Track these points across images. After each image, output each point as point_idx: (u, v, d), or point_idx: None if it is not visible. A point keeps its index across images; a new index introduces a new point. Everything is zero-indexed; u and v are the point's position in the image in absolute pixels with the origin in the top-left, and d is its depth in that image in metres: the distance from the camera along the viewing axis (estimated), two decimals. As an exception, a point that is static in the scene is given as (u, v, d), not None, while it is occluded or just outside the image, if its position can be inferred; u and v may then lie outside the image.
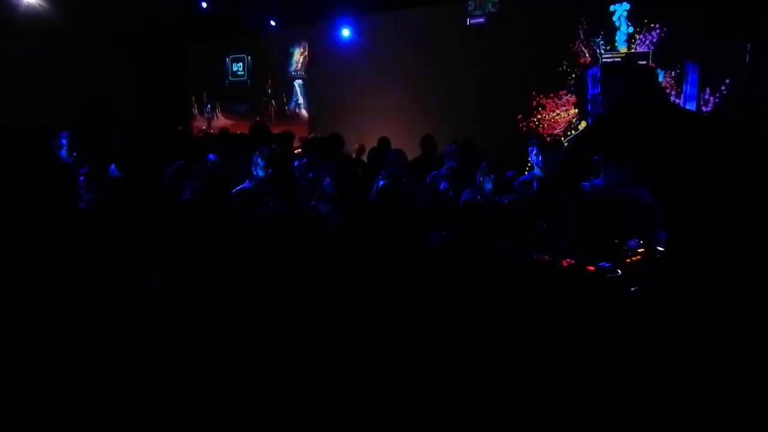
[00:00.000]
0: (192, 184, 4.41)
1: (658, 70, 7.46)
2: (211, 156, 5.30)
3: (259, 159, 4.72)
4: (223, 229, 3.45)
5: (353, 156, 7.75)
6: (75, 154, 5.22)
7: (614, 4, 7.99)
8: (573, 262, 2.71)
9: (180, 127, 13.31)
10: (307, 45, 12.40)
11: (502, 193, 4.82)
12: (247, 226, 3.78)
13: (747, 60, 5.80)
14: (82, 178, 4.48)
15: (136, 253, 3.05)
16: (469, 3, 9.66)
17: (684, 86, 7.07)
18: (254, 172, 4.80)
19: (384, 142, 7.25)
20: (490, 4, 9.48)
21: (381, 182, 4.75)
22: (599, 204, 4.01)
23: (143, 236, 3.16)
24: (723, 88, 6.88)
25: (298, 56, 12.68)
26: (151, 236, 3.17)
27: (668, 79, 7.43)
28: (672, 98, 7.37)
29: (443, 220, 4.27)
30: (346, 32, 10.06)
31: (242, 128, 11.64)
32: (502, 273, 2.86)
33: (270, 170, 4.73)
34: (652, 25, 7.63)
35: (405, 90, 10.27)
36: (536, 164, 5.16)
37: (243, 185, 4.80)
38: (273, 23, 11.29)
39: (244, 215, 4.32)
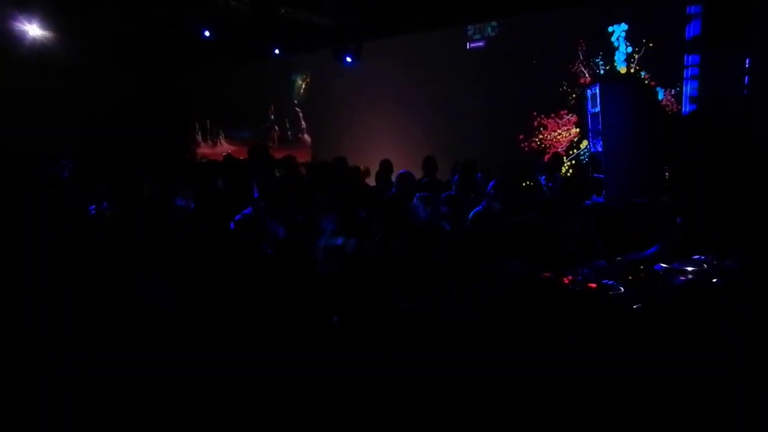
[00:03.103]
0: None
1: (658, 89, 7.49)
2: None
3: (256, 183, 4.77)
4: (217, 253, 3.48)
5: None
6: (76, 180, 5.30)
7: (612, 25, 8.07)
8: (574, 278, 2.70)
9: (187, 155, 13.45)
10: (309, 71, 12.55)
11: (510, 211, 4.82)
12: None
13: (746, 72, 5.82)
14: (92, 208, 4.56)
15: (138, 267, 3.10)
16: (469, 27, 9.77)
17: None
18: (256, 197, 4.82)
19: (386, 164, 7.27)
20: (489, 29, 9.59)
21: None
22: (602, 219, 4.01)
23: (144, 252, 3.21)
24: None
25: (301, 82, 12.82)
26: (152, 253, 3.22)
27: (668, 97, 7.46)
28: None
29: (449, 239, 4.28)
30: (347, 59, 10.19)
31: (246, 154, 11.71)
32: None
33: (274, 193, 4.77)
34: (651, 44, 7.69)
35: (407, 113, 10.35)
36: (544, 185, 5.15)
37: (245, 211, 4.82)
38: (276, 51, 11.42)
39: (245, 241, 4.35)
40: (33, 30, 9.81)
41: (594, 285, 2.59)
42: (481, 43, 9.70)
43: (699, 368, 2.58)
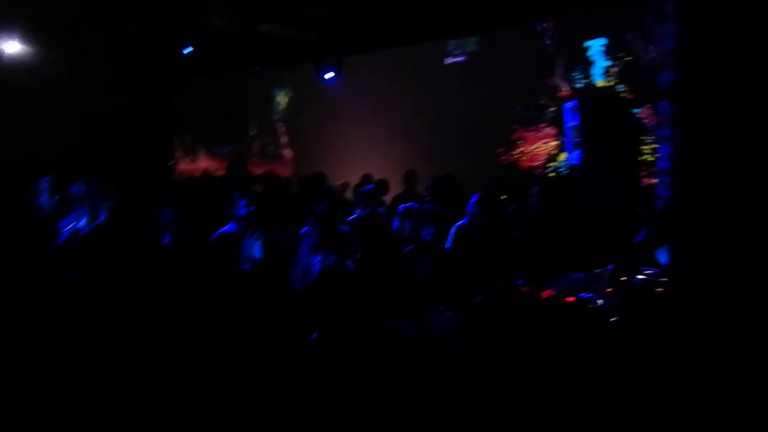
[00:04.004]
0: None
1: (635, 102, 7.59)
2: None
3: (239, 198, 4.71)
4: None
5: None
6: (56, 198, 5.22)
7: (590, 39, 8.19)
8: (553, 293, 2.70)
9: (167, 170, 13.34)
10: (290, 86, 12.55)
11: (493, 224, 4.83)
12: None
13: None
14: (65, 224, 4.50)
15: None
16: (449, 42, 9.86)
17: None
18: (235, 212, 4.77)
19: (367, 178, 7.28)
20: (469, 44, 9.68)
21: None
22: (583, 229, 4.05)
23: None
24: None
25: (282, 97, 12.82)
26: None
27: (645, 110, 7.56)
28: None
29: (427, 252, 4.28)
30: (329, 74, 10.23)
31: (225, 169, 11.64)
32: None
33: (252, 208, 4.72)
34: (628, 59, 7.81)
35: (389, 127, 10.38)
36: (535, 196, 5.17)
37: (226, 228, 4.76)
38: (258, 67, 11.43)
39: (225, 258, 4.32)
40: (11, 47, 9.72)
41: (572, 299, 2.60)
42: (461, 58, 9.78)
43: (697, 369, 2.58)
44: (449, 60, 9.86)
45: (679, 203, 4.61)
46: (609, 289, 2.95)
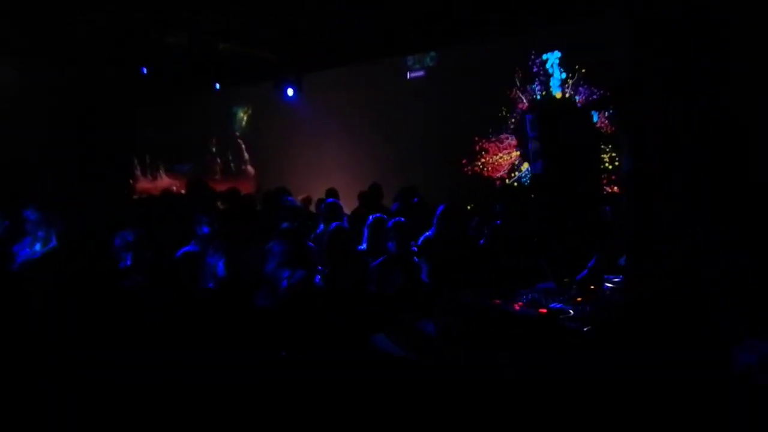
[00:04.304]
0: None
1: (592, 112, 7.76)
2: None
3: (201, 217, 4.61)
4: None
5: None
6: (7, 223, 5.06)
7: (546, 52, 8.35)
8: (524, 304, 2.69)
9: (125, 191, 13.02)
10: (250, 103, 12.45)
11: (459, 237, 4.83)
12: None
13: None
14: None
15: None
16: (409, 58, 9.93)
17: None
18: (198, 232, 4.66)
19: (332, 193, 7.21)
20: (428, 59, 9.76)
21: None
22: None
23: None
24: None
25: (242, 114, 12.70)
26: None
27: (602, 119, 7.73)
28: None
29: (397, 265, 4.24)
30: (289, 91, 10.17)
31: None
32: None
33: (215, 226, 4.63)
34: (583, 70, 7.99)
35: (352, 141, 10.37)
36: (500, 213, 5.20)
37: (188, 247, 4.65)
38: (217, 85, 11.28)
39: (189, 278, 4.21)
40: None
41: (544, 310, 2.59)
42: (421, 73, 9.86)
43: (677, 370, 2.58)
44: (410, 75, 9.93)
45: (638, 208, 4.68)
46: (579, 299, 2.95)
